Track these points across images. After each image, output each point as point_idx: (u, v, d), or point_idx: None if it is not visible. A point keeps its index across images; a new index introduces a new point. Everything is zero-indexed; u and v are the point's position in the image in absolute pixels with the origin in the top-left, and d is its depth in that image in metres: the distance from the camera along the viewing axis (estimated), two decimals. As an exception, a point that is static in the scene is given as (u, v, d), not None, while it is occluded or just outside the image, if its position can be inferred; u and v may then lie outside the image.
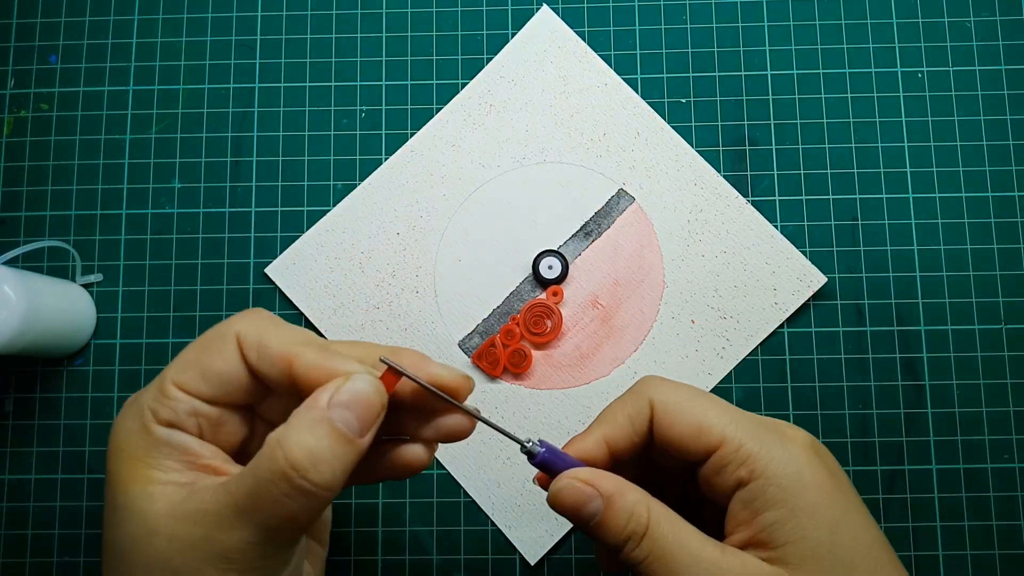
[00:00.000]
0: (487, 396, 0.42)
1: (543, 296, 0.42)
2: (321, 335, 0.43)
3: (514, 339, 0.42)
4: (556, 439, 0.41)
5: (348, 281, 0.43)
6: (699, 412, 0.30)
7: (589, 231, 0.43)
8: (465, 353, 0.42)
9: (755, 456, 0.29)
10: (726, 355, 0.42)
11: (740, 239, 0.42)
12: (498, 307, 0.42)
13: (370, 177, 0.44)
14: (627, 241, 0.43)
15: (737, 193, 0.43)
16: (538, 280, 0.42)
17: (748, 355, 0.42)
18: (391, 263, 0.43)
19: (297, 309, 0.43)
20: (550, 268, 0.42)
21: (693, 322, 0.42)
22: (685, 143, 0.43)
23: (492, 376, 0.42)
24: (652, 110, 0.44)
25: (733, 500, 0.29)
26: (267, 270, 0.43)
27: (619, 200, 0.43)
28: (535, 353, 0.42)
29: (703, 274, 0.42)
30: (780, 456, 0.29)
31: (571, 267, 0.42)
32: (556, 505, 0.29)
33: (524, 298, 0.42)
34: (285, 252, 0.43)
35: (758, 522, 0.29)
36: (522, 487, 0.41)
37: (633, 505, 0.28)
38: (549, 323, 0.42)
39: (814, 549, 0.29)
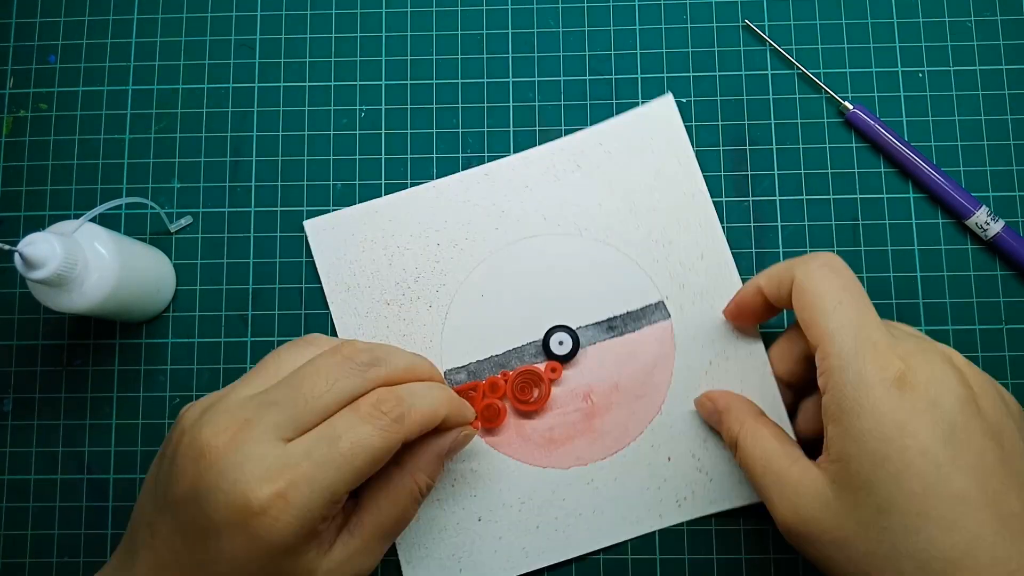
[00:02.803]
0: None
1: (541, 366, 0.41)
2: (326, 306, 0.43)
3: (496, 393, 0.40)
4: (491, 508, 0.40)
5: (373, 267, 0.42)
6: (821, 306, 0.32)
7: (614, 326, 0.41)
8: (448, 382, 0.41)
9: (834, 369, 0.30)
10: (684, 507, 0.40)
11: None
12: (496, 356, 0.41)
13: (438, 180, 0.43)
14: (644, 353, 0.41)
15: (767, 360, 0.40)
16: (545, 349, 0.41)
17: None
18: (419, 268, 0.42)
19: (315, 271, 0.43)
20: (560, 344, 0.41)
21: (669, 459, 0.40)
22: (741, 284, 0.41)
23: None
24: (724, 238, 0.42)
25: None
26: (305, 223, 0.43)
27: (655, 311, 0.41)
28: (510, 417, 0.41)
29: (700, 418, 0.40)
30: (856, 379, 0.30)
31: (580, 351, 0.41)
32: (699, 410, 0.40)
33: (524, 359, 0.41)
34: (329, 215, 0.43)
35: (827, 433, 0.31)
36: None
37: (731, 421, 0.37)
38: (536, 393, 0.40)
39: (853, 476, 0.29)
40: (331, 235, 0.43)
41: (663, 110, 0.43)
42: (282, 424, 0.30)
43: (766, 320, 0.40)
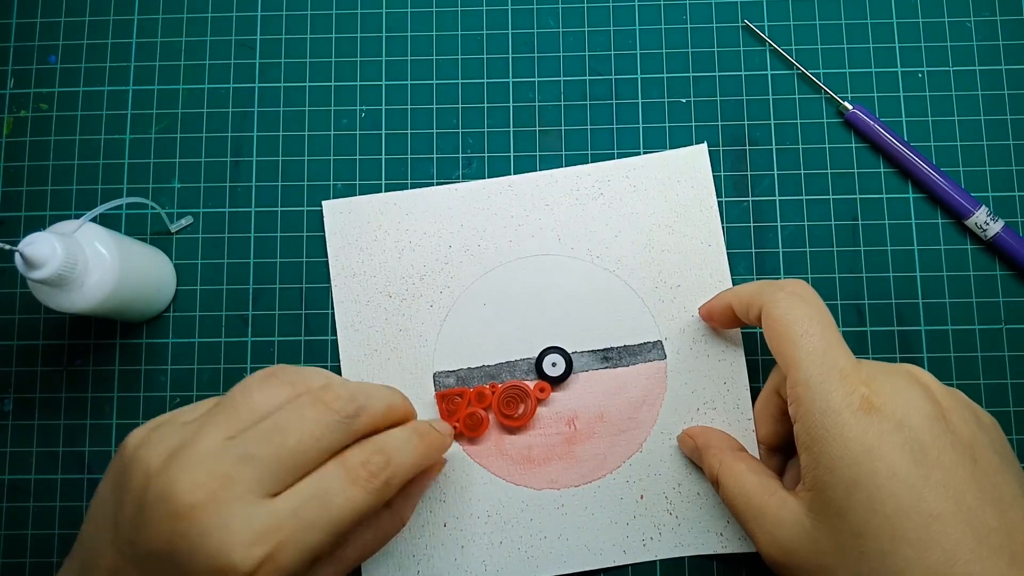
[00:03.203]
0: None
1: (531, 384, 0.41)
2: (330, 292, 0.43)
3: (482, 403, 0.40)
4: (458, 516, 0.40)
5: (382, 257, 0.43)
6: (788, 335, 0.32)
7: (609, 357, 0.41)
8: (434, 385, 0.41)
9: (802, 398, 0.31)
10: (649, 546, 0.40)
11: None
12: (488, 367, 0.41)
13: (461, 184, 0.43)
14: (635, 389, 0.41)
15: (752, 428, 0.40)
16: (537, 367, 0.41)
17: (749, 356, 0.41)
18: (427, 266, 0.42)
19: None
20: (554, 366, 0.41)
21: (642, 497, 0.40)
22: (740, 337, 0.41)
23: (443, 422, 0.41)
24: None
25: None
26: (324, 203, 0.43)
27: (652, 349, 0.41)
28: (492, 429, 0.41)
29: (678, 460, 0.40)
30: (823, 406, 0.30)
31: (572, 376, 0.41)
32: (681, 447, 0.40)
33: (515, 374, 0.41)
34: (348, 198, 0.43)
35: (801, 462, 0.31)
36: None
37: (710, 458, 0.37)
38: (522, 409, 0.40)
39: (828, 503, 0.30)
40: (347, 219, 0.43)
41: (695, 157, 0.43)
42: (265, 480, 0.28)
43: (736, 328, 0.41)
